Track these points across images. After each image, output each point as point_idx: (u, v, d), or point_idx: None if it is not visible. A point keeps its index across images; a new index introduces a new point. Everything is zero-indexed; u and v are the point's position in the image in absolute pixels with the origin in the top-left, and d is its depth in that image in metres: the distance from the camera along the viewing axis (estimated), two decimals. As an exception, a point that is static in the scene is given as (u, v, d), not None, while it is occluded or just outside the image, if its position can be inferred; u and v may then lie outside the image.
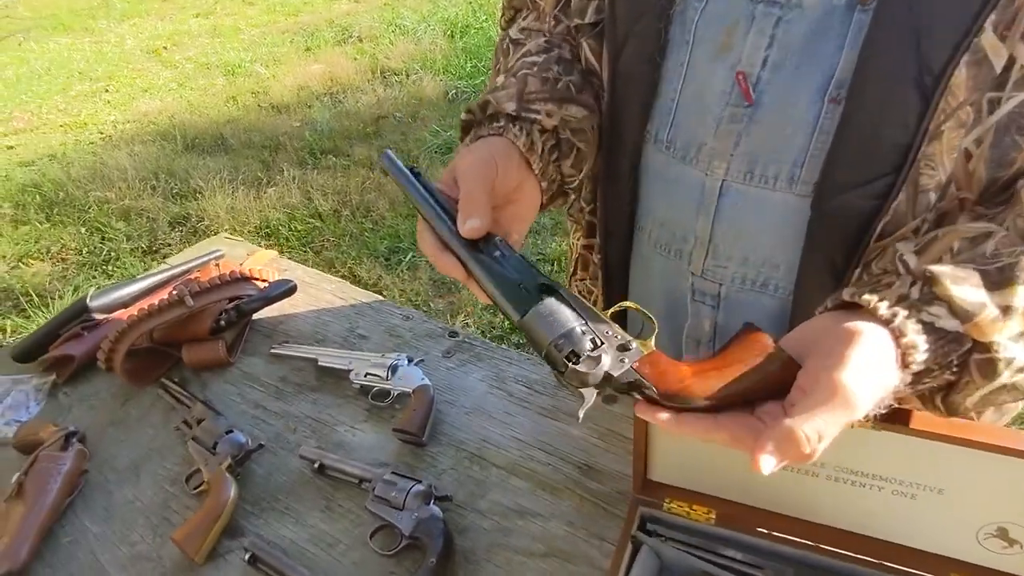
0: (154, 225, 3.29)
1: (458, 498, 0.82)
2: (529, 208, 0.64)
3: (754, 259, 0.65)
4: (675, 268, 0.72)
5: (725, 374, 0.45)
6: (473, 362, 1.04)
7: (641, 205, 0.74)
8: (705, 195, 0.65)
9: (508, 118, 0.65)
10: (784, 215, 0.61)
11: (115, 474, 0.93)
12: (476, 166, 0.58)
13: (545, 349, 0.49)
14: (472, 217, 0.54)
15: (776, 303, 0.67)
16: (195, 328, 1.09)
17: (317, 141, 3.88)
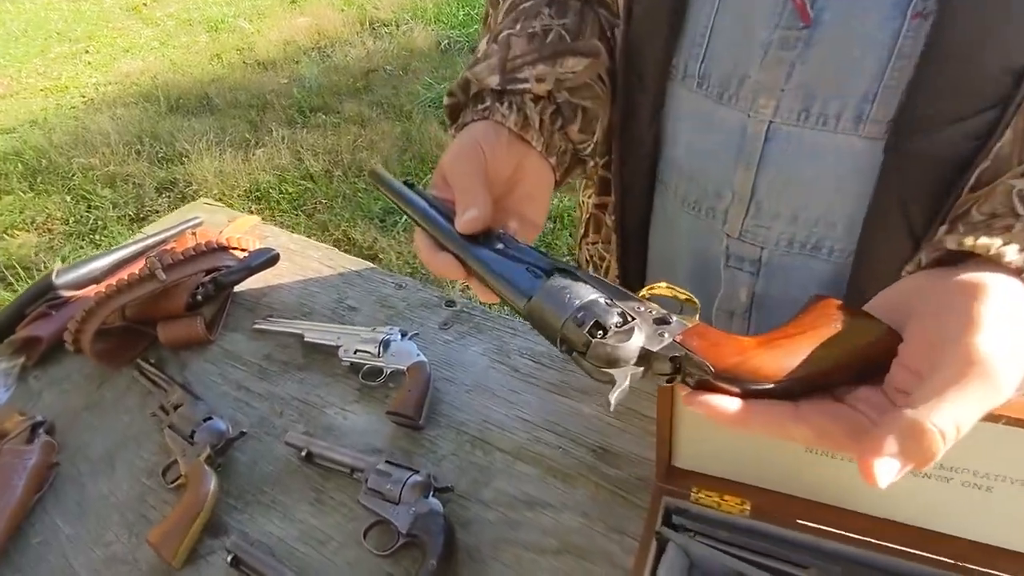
0: (141, 191, 3.17)
1: (460, 487, 0.74)
2: (539, 186, 0.56)
3: (806, 216, 0.55)
4: (706, 229, 0.62)
5: (799, 347, 0.35)
6: (473, 334, 0.95)
7: (665, 156, 0.63)
8: (747, 141, 0.55)
9: (493, 94, 0.56)
10: (847, 162, 0.51)
11: (88, 465, 0.86)
12: (461, 157, 0.52)
13: (560, 329, 0.39)
14: (468, 208, 0.47)
15: (829, 268, 0.57)
16: (170, 304, 1.01)
17: (305, 98, 3.72)
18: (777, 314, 0.62)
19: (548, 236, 2.56)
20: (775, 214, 0.56)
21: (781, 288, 0.60)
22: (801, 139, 0.52)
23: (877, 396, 0.35)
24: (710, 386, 0.36)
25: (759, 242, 0.59)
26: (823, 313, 0.36)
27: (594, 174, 0.70)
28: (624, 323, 0.38)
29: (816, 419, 0.34)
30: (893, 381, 0.34)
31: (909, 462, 0.30)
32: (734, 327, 0.65)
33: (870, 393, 0.35)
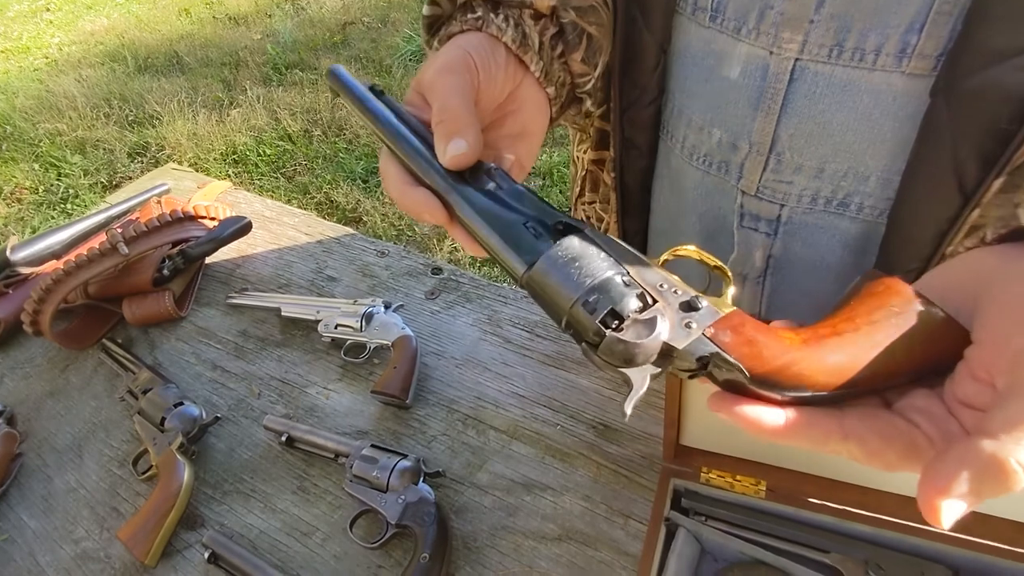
0: (112, 157, 3.04)
1: (452, 471, 0.70)
2: (533, 121, 0.47)
3: (833, 169, 0.49)
4: (717, 185, 0.56)
5: (852, 347, 0.29)
6: (461, 303, 0.89)
7: (671, 104, 0.56)
8: (768, 82, 0.48)
9: (486, 4, 0.47)
10: (885, 105, 0.44)
11: (55, 455, 0.80)
12: (449, 72, 0.41)
13: (567, 312, 0.32)
14: (455, 137, 0.38)
15: (857, 228, 0.51)
16: (135, 279, 0.94)
17: (280, 55, 3.56)
18: (795, 279, 0.56)
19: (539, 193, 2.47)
20: (798, 167, 0.50)
21: (801, 250, 0.54)
22: (832, 79, 0.45)
23: (936, 406, 0.29)
24: (743, 389, 0.30)
25: (778, 199, 0.52)
26: (880, 298, 0.30)
27: (589, 126, 0.63)
28: (644, 308, 0.32)
29: (866, 437, 0.29)
30: (956, 390, 0.29)
31: (981, 500, 0.25)
32: (747, 292, 0.59)
33: (927, 401, 0.29)
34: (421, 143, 0.40)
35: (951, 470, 0.25)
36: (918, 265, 0.47)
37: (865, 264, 0.51)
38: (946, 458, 0.26)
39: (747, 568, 0.54)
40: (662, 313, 0.31)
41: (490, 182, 0.39)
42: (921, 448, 0.28)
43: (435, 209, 0.38)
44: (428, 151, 0.40)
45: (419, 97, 0.43)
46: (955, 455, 0.25)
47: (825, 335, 0.30)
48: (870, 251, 0.51)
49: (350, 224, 2.51)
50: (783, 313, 0.60)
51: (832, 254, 0.53)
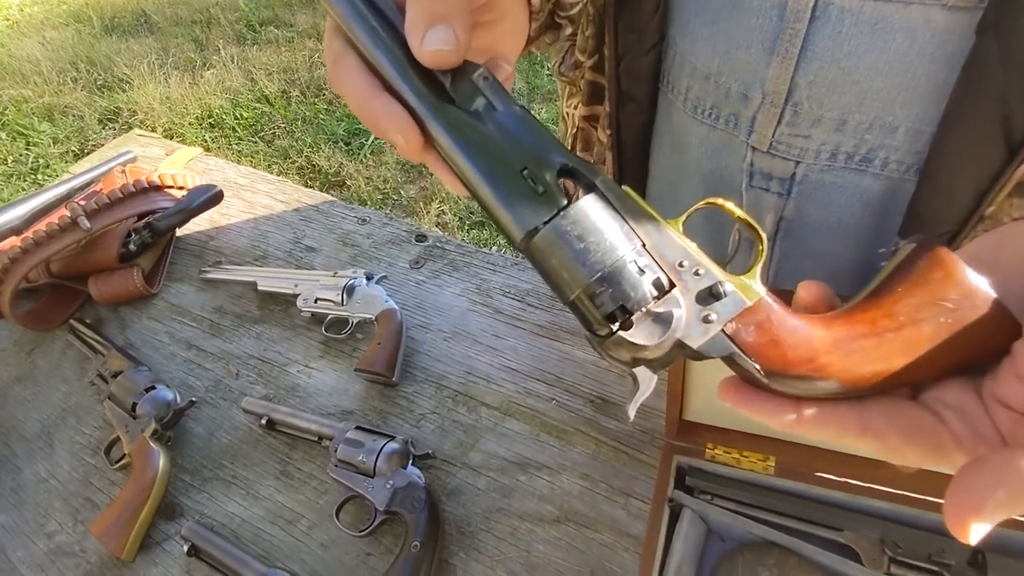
0: (82, 124, 2.92)
1: (443, 451, 0.66)
2: (510, 40, 0.38)
3: (857, 120, 0.44)
4: (724, 142, 0.50)
5: (888, 348, 0.25)
6: (448, 272, 0.85)
7: (673, 51, 0.50)
8: (787, 21, 0.42)
9: None
10: (922, 44, 0.39)
11: (24, 444, 0.76)
12: None
13: (571, 297, 0.28)
14: (438, 23, 0.27)
15: (881, 186, 0.46)
16: (100, 256, 0.88)
17: (254, 11, 3.40)
18: (807, 243, 0.52)
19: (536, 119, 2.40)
20: (817, 119, 0.45)
21: (816, 212, 0.49)
22: (860, 16, 0.40)
23: (971, 402, 0.25)
24: (759, 383, 0.26)
25: (793, 155, 0.47)
26: (933, 289, 0.25)
27: (579, 78, 0.57)
28: (660, 296, 0.27)
29: (887, 433, 0.25)
30: (997, 389, 0.25)
31: (1012, 515, 0.22)
32: None
33: (961, 395, 0.26)
34: (388, 31, 0.29)
35: (986, 487, 0.22)
36: (952, 228, 0.43)
37: (888, 227, 0.47)
38: (981, 471, 0.22)
39: (756, 549, 0.51)
40: (679, 304, 0.27)
41: (479, 97, 0.29)
42: (946, 448, 0.25)
43: (409, 130, 0.29)
44: (398, 45, 0.29)
45: None
46: (991, 470, 0.22)
47: (861, 334, 0.26)
48: (894, 212, 0.46)
49: (333, 189, 2.43)
50: (794, 280, 0.55)
51: (851, 215, 0.48)
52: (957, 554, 0.48)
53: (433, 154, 0.30)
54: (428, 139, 0.30)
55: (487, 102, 0.29)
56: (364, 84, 0.30)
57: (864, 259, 0.51)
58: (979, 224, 0.43)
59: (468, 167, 0.29)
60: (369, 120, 0.29)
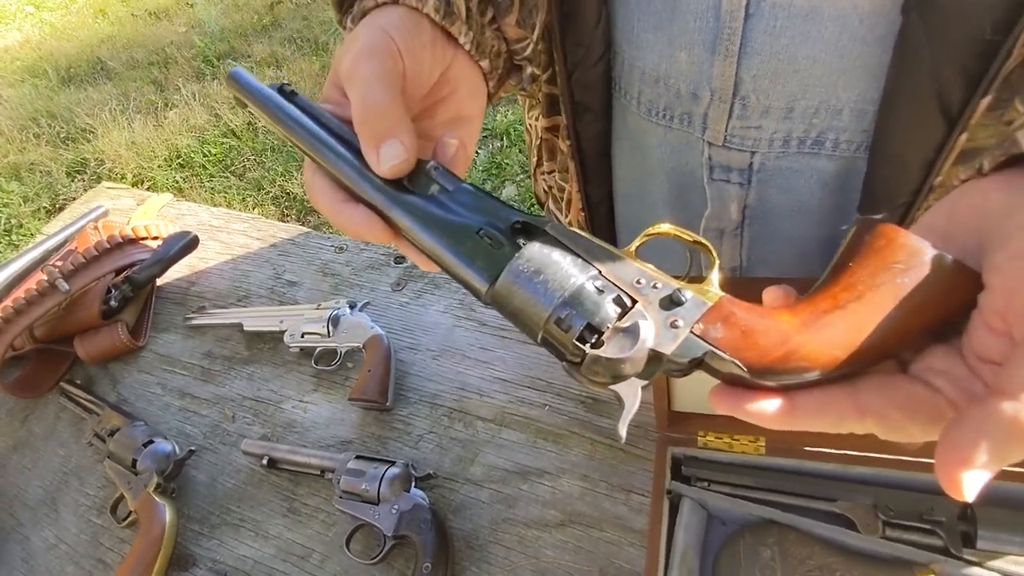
0: (51, 179, 2.89)
1: (443, 469, 0.67)
2: (471, 103, 0.42)
3: (803, 106, 0.45)
4: (681, 140, 0.52)
5: (855, 319, 0.26)
6: (430, 291, 0.85)
7: (621, 59, 0.52)
8: (723, 21, 0.44)
9: None
10: (853, 29, 0.41)
11: (28, 512, 0.77)
12: (368, 59, 0.35)
13: (540, 331, 0.29)
14: (388, 140, 0.33)
15: (835, 166, 0.47)
16: (82, 315, 0.88)
17: (210, 45, 3.39)
18: (774, 227, 0.53)
19: (497, 156, 2.41)
20: (765, 109, 0.46)
21: (778, 197, 0.50)
22: (791, 9, 0.41)
23: (956, 365, 0.26)
24: (745, 382, 0.27)
25: (748, 146, 0.48)
26: (882, 256, 0.27)
27: (537, 91, 0.59)
28: (623, 314, 0.28)
29: (886, 412, 0.26)
30: (975, 345, 0.26)
31: (1005, 465, 0.22)
32: (725, 246, 0.56)
33: (946, 360, 0.26)
34: (347, 150, 0.35)
35: (970, 438, 0.22)
36: (907, 199, 0.44)
37: (847, 204, 0.48)
38: (963, 424, 0.23)
39: (757, 529, 0.52)
40: (643, 315, 0.28)
41: (432, 184, 0.34)
42: (946, 416, 0.25)
43: (376, 227, 0.34)
44: (357, 159, 0.35)
45: (337, 91, 0.37)
46: (973, 420, 0.23)
47: (826, 310, 0.27)
48: (851, 188, 0.47)
49: (310, 215, 2.43)
50: (766, 264, 0.57)
51: (812, 197, 0.50)
52: (947, 511, 0.49)
53: (401, 239, 0.34)
54: (394, 228, 0.34)
55: (440, 186, 0.34)
56: (331, 199, 0.35)
57: (830, 237, 0.53)
58: (931, 194, 0.44)
59: (429, 240, 0.33)
60: (341, 226, 0.35)
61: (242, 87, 0.39)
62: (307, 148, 0.36)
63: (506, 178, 2.34)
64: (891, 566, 0.48)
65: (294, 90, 0.39)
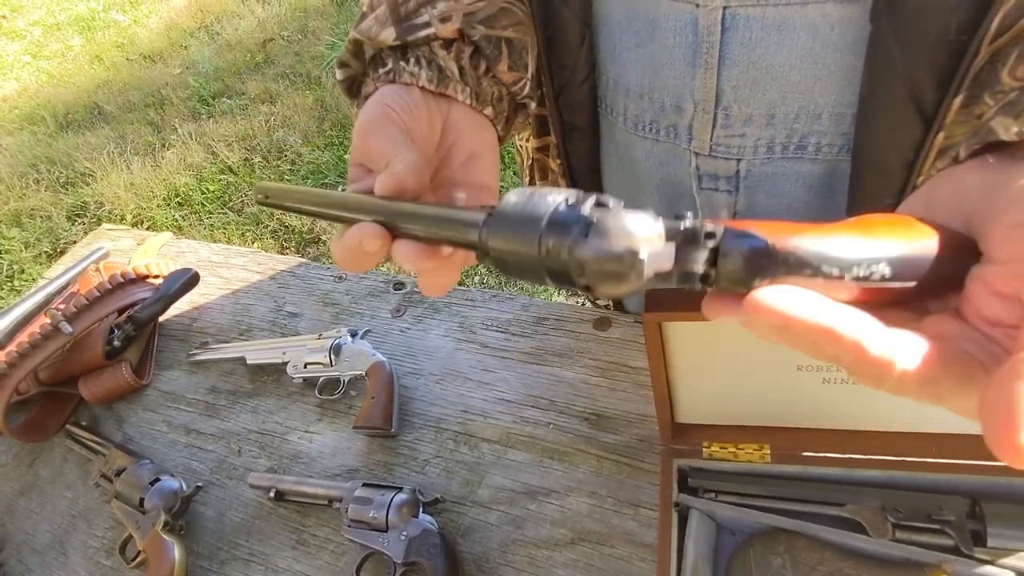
0: (51, 223, 2.92)
1: (451, 493, 0.67)
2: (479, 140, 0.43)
3: (784, 112, 0.46)
4: (668, 152, 0.53)
5: (868, 234, 0.24)
6: (430, 315, 0.86)
7: (605, 77, 0.53)
8: (701, 36, 0.45)
9: (394, 53, 0.43)
10: (825, 36, 0.42)
11: (37, 557, 0.76)
12: (373, 132, 0.38)
13: (539, 250, 0.25)
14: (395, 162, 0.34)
15: (819, 169, 0.49)
16: (86, 356, 0.89)
17: (204, 85, 3.44)
18: None
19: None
20: (747, 118, 0.47)
21: (766, 201, 0.52)
22: (765, 21, 0.43)
23: (968, 331, 0.24)
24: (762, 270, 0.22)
25: (733, 154, 0.50)
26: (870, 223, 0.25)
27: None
28: (605, 209, 0.25)
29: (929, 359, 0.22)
30: (984, 311, 0.24)
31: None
32: None
33: (958, 327, 0.24)
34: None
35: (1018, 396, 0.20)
36: (891, 200, 0.45)
37: (834, 205, 0.49)
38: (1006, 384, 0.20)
39: (766, 537, 0.52)
40: (630, 212, 0.24)
41: None
42: (977, 376, 0.23)
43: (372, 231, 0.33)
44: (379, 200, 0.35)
45: (360, 170, 0.39)
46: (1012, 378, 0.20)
47: (834, 228, 0.24)
48: (837, 191, 0.48)
49: (309, 246, 2.45)
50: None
51: (798, 200, 0.51)
52: (955, 509, 0.49)
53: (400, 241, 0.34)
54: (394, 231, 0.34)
55: None
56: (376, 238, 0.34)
57: None
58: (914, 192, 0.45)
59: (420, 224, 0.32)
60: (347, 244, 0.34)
61: (271, 192, 0.40)
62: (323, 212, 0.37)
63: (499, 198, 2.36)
64: (903, 568, 0.48)
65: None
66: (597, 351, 0.73)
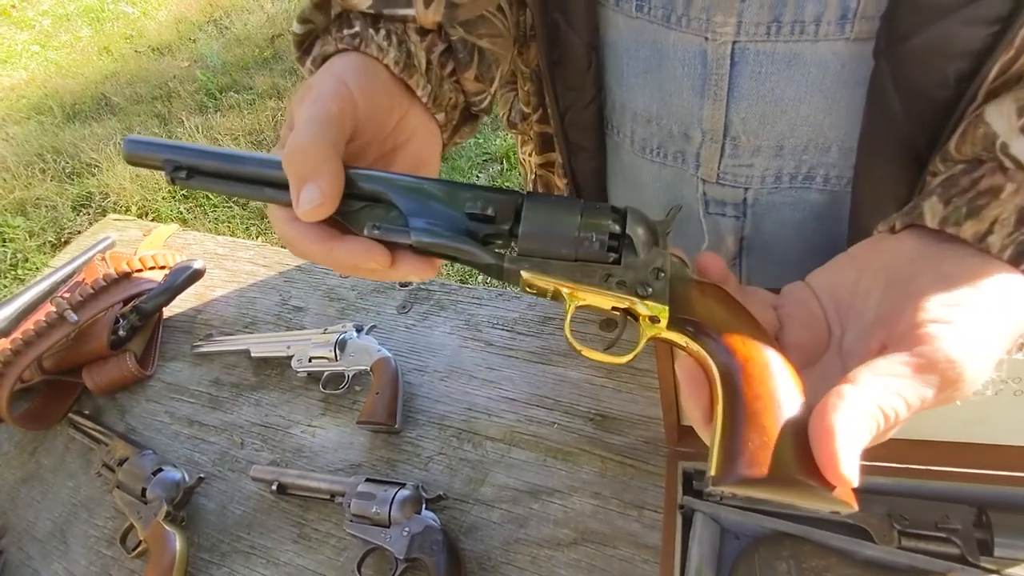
0: (56, 214, 2.92)
1: (454, 490, 0.67)
2: (427, 149, 0.43)
3: (792, 144, 0.46)
4: (675, 177, 0.53)
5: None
6: (436, 312, 0.86)
7: (612, 100, 0.53)
8: (709, 69, 0.45)
9: (365, 19, 0.41)
10: (835, 72, 0.42)
11: (37, 546, 0.76)
12: (312, 105, 0.35)
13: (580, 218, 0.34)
14: (307, 183, 0.33)
15: (825, 198, 0.48)
16: (91, 346, 0.89)
17: (212, 79, 3.44)
18: (771, 254, 0.54)
19: (497, 179, 2.44)
20: (756, 149, 0.47)
21: (774, 228, 0.51)
22: (775, 56, 0.42)
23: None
24: None
25: (741, 183, 0.49)
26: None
27: (528, 130, 0.60)
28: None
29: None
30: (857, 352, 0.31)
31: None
32: None
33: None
34: None
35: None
36: None
37: (841, 232, 0.49)
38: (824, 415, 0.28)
39: (771, 542, 0.52)
40: None
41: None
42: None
43: (376, 252, 0.34)
44: None
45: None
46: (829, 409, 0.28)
47: None
48: (843, 219, 0.48)
49: (313, 241, 2.44)
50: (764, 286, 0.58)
51: (805, 226, 0.51)
52: (962, 518, 0.49)
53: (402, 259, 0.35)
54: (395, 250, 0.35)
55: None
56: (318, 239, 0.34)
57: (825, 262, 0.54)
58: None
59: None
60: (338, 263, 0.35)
61: (164, 149, 0.37)
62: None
63: (507, 201, 2.36)
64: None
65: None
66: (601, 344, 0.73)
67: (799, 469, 0.28)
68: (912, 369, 0.27)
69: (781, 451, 0.28)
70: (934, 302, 0.28)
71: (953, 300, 0.28)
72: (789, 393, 0.30)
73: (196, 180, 0.36)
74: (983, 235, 0.29)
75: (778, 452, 0.28)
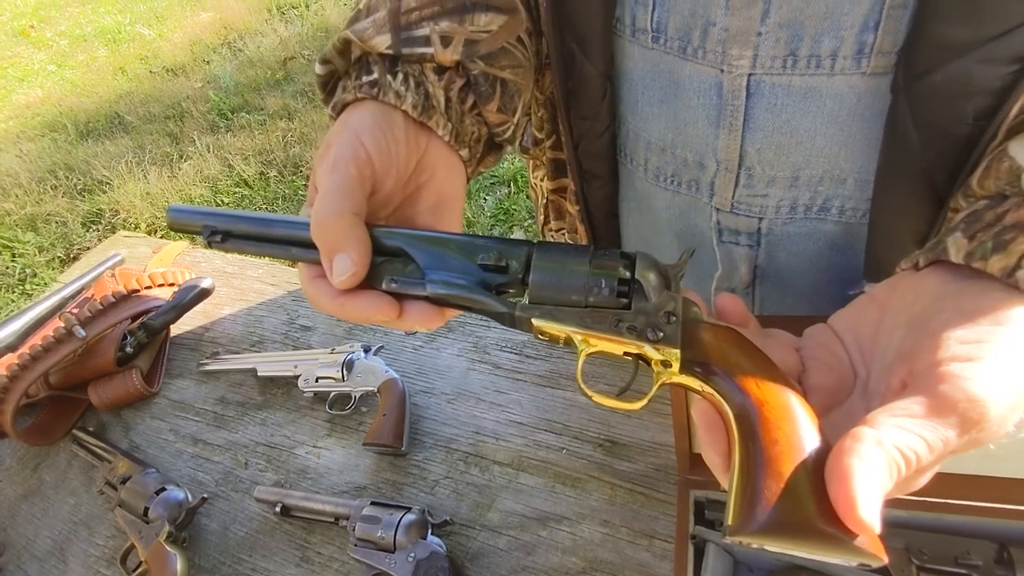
0: (66, 229, 2.94)
1: (460, 515, 0.66)
2: (451, 184, 0.43)
3: (808, 175, 0.46)
4: (689, 205, 0.53)
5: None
6: (443, 334, 0.85)
7: (626, 127, 0.53)
8: (725, 100, 0.45)
9: (383, 62, 0.41)
10: (851, 106, 0.42)
11: (36, 563, 0.75)
12: (332, 173, 0.37)
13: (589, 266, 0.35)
14: (337, 254, 0.35)
15: (841, 230, 0.48)
16: (97, 362, 0.89)
17: (224, 99, 3.49)
18: (785, 284, 0.53)
19: (504, 202, 2.45)
20: (771, 179, 0.47)
21: (787, 258, 0.51)
22: (791, 89, 0.43)
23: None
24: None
25: (755, 213, 0.49)
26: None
27: (541, 155, 0.60)
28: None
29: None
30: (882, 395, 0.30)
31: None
32: None
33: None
34: None
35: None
36: None
37: (855, 263, 0.49)
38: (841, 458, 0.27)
39: (786, 575, 0.51)
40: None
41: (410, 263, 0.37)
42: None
43: (384, 306, 0.35)
44: None
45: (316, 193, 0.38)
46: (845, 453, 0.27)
47: None
48: (859, 249, 0.48)
49: (320, 261, 2.45)
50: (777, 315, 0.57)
51: (820, 257, 0.50)
52: (983, 554, 0.48)
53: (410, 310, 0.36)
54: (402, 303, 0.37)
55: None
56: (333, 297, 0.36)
57: (841, 292, 0.53)
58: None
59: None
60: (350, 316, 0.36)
61: (202, 216, 0.40)
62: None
63: (514, 223, 2.36)
64: (928, 613, 0.47)
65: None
66: (612, 376, 0.72)
67: (819, 517, 0.27)
68: (928, 409, 0.26)
69: (801, 499, 0.27)
70: (955, 339, 0.28)
71: (976, 336, 0.28)
72: (809, 437, 0.29)
73: (230, 243, 0.40)
74: (1012, 270, 0.29)
75: (797, 499, 0.27)
